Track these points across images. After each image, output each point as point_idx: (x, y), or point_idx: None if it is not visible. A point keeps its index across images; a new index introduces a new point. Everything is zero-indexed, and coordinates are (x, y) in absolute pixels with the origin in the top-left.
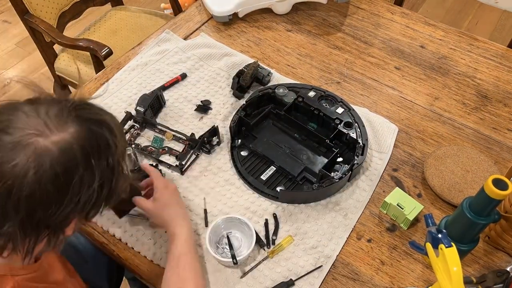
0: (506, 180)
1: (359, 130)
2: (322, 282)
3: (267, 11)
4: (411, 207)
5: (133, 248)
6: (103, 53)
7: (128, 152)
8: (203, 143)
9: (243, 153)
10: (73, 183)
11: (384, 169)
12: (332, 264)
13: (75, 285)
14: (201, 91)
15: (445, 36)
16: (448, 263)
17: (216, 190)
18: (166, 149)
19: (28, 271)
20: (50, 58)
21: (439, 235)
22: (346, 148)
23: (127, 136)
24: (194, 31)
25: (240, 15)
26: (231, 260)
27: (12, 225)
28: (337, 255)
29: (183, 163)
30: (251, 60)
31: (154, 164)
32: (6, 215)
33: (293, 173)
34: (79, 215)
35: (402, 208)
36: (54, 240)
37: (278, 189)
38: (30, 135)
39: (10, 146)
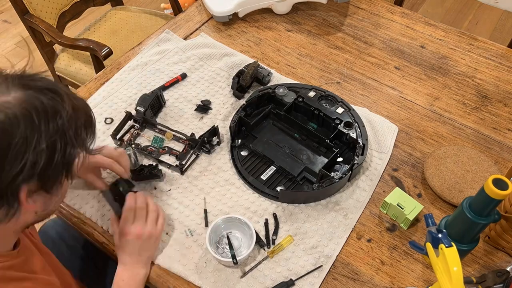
0: (506, 180)
1: (359, 130)
2: (322, 282)
3: (267, 11)
4: (411, 207)
5: None
6: (103, 53)
7: (128, 152)
8: (203, 143)
9: (243, 153)
10: (14, 143)
11: (384, 169)
12: (332, 264)
13: (56, 275)
14: (201, 91)
15: (445, 36)
16: (448, 263)
17: (216, 190)
18: (166, 149)
19: (5, 258)
20: (50, 58)
21: (439, 235)
22: (346, 148)
23: (127, 136)
24: (194, 31)
25: (240, 15)
26: (231, 260)
27: None
28: (337, 255)
29: (183, 163)
30: (251, 60)
31: (154, 164)
32: None
33: (293, 173)
34: (31, 181)
35: (402, 208)
36: (12, 210)
37: (278, 189)
38: None
39: None
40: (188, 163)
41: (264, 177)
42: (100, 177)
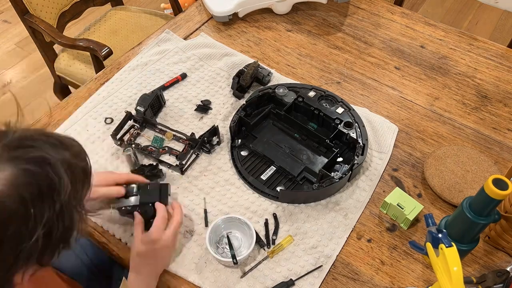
0: (506, 180)
1: (359, 130)
2: (322, 282)
3: (267, 11)
4: (411, 207)
5: None
6: (103, 53)
7: (128, 153)
8: (203, 143)
9: (243, 153)
10: (7, 235)
11: (384, 169)
12: (332, 264)
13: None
14: (201, 91)
15: (445, 36)
16: (448, 263)
17: (216, 190)
18: (166, 149)
19: None
20: (50, 58)
21: (439, 235)
22: (346, 148)
23: (127, 136)
24: (194, 31)
25: (240, 15)
26: (231, 260)
27: None
28: (337, 255)
29: (183, 162)
30: (251, 60)
31: (154, 164)
32: None
33: (293, 173)
34: (27, 265)
35: (402, 208)
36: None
37: (278, 189)
38: None
39: None
40: (188, 163)
41: (264, 177)
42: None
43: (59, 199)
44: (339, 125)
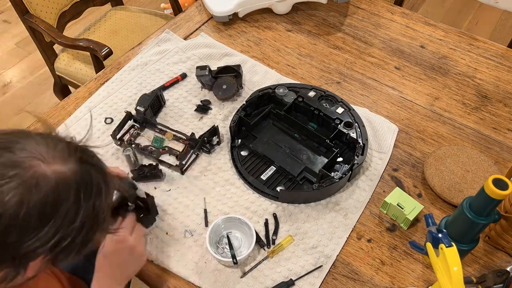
0: (506, 180)
1: (359, 130)
2: (322, 282)
3: (267, 11)
4: (411, 207)
5: None
6: (103, 53)
7: (127, 153)
8: (203, 143)
9: (243, 153)
10: (57, 214)
11: (384, 169)
12: (332, 264)
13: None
14: (201, 91)
15: (445, 36)
16: (448, 263)
17: (216, 190)
18: (167, 149)
19: None
20: (50, 58)
21: (440, 235)
22: (346, 148)
23: (127, 136)
24: (194, 31)
25: (240, 15)
26: (231, 260)
27: None
28: (337, 255)
29: (184, 162)
30: (251, 60)
31: (154, 164)
32: None
33: (293, 173)
34: (48, 254)
35: (402, 208)
36: (12, 275)
37: (278, 189)
38: (34, 159)
39: (9, 163)
40: (188, 163)
41: (264, 177)
42: None
43: (100, 204)
44: (339, 125)
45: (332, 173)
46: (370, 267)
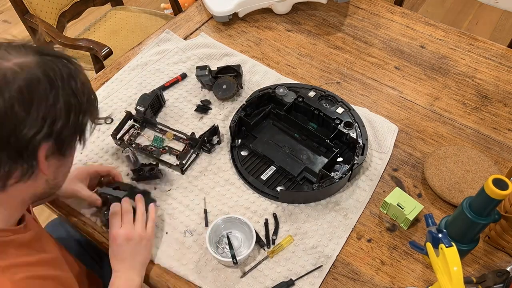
0: (506, 180)
1: (359, 130)
2: (322, 282)
3: (267, 11)
4: (411, 207)
5: None
6: (103, 53)
7: (127, 154)
8: (204, 143)
9: (243, 153)
10: (37, 97)
11: (384, 169)
12: (332, 264)
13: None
14: (201, 91)
15: (445, 36)
16: (448, 263)
17: (216, 190)
18: (167, 148)
19: (8, 233)
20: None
21: (440, 235)
22: (346, 148)
23: (127, 136)
24: (194, 31)
25: (240, 15)
26: (231, 260)
27: None
28: (337, 255)
29: (184, 162)
30: (251, 60)
31: (154, 163)
32: None
33: (293, 173)
34: (50, 141)
35: (402, 208)
36: (27, 170)
37: (278, 189)
38: None
39: None
40: (189, 162)
41: (264, 177)
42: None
43: (76, 88)
44: (339, 125)
45: (332, 173)
46: (370, 267)
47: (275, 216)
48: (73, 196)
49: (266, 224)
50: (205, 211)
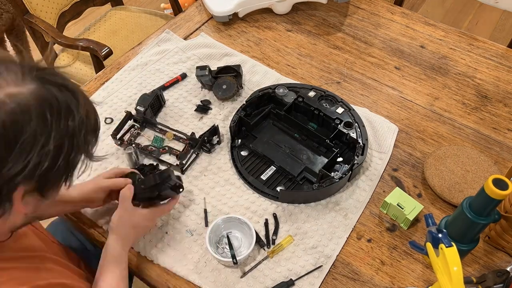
0: (506, 180)
1: (359, 130)
2: (322, 282)
3: (267, 11)
4: (411, 207)
5: (132, 248)
6: (103, 53)
7: (129, 151)
8: (204, 142)
9: (243, 153)
10: (22, 138)
11: (384, 169)
12: (332, 264)
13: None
14: (201, 91)
15: (445, 36)
16: (448, 263)
17: (216, 190)
18: (167, 148)
19: None
20: (50, 58)
21: (440, 235)
22: (346, 148)
23: (127, 136)
24: (194, 31)
25: (240, 15)
26: (231, 260)
27: None
28: (337, 255)
29: (184, 162)
30: (251, 60)
31: (154, 163)
32: None
33: (293, 173)
34: (30, 182)
35: (402, 208)
36: (1, 210)
37: (278, 189)
38: None
39: None
40: (189, 162)
41: (264, 177)
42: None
43: (73, 126)
44: (339, 125)
45: (332, 173)
46: (370, 267)
47: (275, 216)
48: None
49: (266, 224)
50: (205, 211)
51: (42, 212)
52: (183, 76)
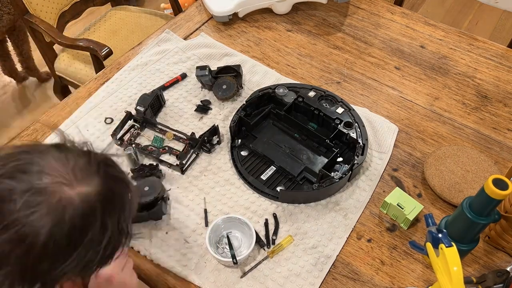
0: (506, 180)
1: (359, 130)
2: (322, 282)
3: (267, 11)
4: (411, 207)
5: (132, 248)
6: (103, 53)
7: (129, 152)
8: (204, 142)
9: (243, 153)
10: (86, 239)
11: (384, 169)
12: (332, 264)
13: None
14: (201, 91)
15: (445, 36)
16: (448, 263)
17: (216, 190)
18: (167, 148)
19: None
20: (50, 58)
21: (440, 235)
22: (346, 148)
23: (127, 136)
24: (194, 31)
25: (240, 15)
26: (231, 260)
27: (8, 272)
28: (337, 255)
29: (184, 162)
30: (251, 60)
31: (154, 163)
32: (8, 261)
33: (293, 173)
34: (76, 274)
35: (402, 208)
36: None
37: (278, 189)
38: (57, 184)
39: (33, 190)
40: (189, 162)
41: (264, 177)
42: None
43: (124, 219)
44: (339, 125)
45: (332, 173)
46: (370, 267)
47: (275, 216)
48: None
49: (266, 224)
50: (205, 211)
51: None
52: (183, 76)
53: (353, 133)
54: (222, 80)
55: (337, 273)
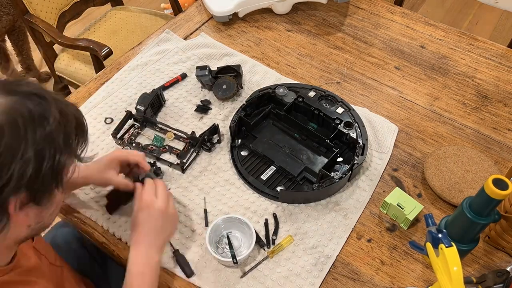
0: (506, 180)
1: (359, 130)
2: (322, 282)
3: (267, 11)
4: (411, 207)
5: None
6: (103, 53)
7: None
8: (204, 141)
9: (243, 153)
10: (7, 152)
11: (384, 169)
12: (332, 264)
13: (55, 272)
14: (201, 91)
15: (445, 36)
16: (448, 263)
17: (216, 190)
18: (167, 147)
19: (3, 272)
20: (50, 58)
21: (439, 235)
22: (346, 148)
23: (127, 135)
24: (194, 31)
25: (240, 15)
26: (231, 260)
27: None
28: (337, 255)
29: (184, 161)
30: (251, 60)
31: (152, 161)
32: None
33: (293, 173)
34: (20, 194)
35: (402, 208)
36: (1, 224)
37: (278, 189)
38: None
39: None
40: (189, 161)
41: (264, 177)
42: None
43: (50, 130)
44: (339, 125)
45: (332, 173)
46: (370, 267)
47: (275, 216)
48: (106, 185)
49: (266, 224)
50: (205, 211)
51: (43, 226)
52: (183, 76)
53: (353, 133)
54: (222, 80)
55: (337, 273)
